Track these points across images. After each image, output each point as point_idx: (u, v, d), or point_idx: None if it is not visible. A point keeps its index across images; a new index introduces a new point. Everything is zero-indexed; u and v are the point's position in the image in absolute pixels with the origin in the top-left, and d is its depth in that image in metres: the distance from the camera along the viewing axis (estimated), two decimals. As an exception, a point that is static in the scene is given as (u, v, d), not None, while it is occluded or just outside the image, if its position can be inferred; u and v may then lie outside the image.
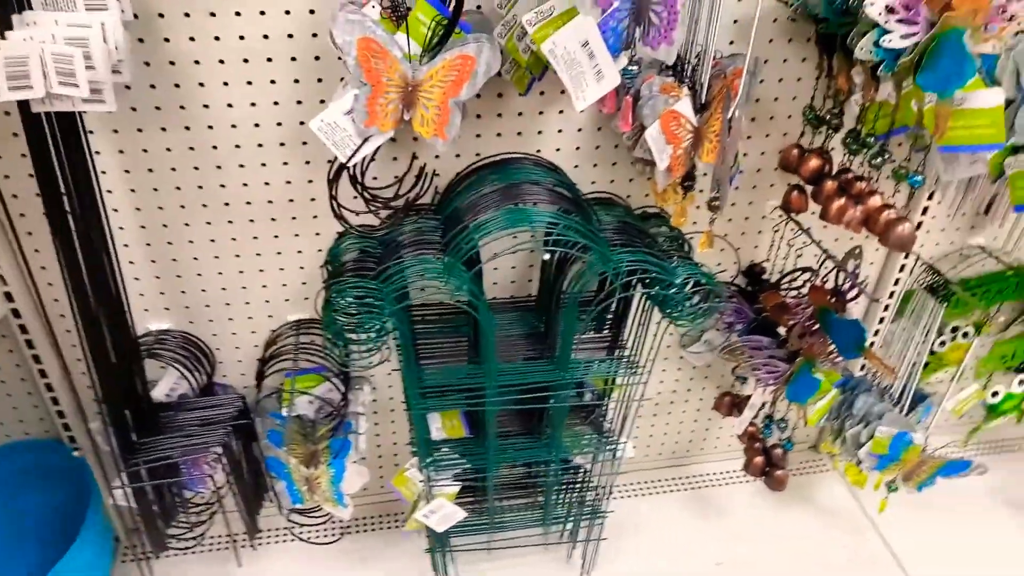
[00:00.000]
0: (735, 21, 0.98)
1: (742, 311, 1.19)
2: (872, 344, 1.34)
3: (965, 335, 1.35)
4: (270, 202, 1.01)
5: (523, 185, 0.98)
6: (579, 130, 1.03)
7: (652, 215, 1.10)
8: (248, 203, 1.01)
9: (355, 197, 0.96)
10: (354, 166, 0.93)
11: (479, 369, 1.00)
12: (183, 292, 1.08)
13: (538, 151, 1.04)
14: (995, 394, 1.38)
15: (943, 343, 1.35)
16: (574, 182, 1.05)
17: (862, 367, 1.35)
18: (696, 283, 1.01)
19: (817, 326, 1.08)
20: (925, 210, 1.19)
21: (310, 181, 1.00)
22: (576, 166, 1.06)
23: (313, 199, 1.02)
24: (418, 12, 0.83)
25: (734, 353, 1.15)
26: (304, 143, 0.97)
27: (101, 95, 0.77)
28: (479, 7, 0.91)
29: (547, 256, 1.02)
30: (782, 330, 1.19)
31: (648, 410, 1.38)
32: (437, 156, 1.02)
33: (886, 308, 1.30)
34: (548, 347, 1.07)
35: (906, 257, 1.23)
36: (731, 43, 1.00)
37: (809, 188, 1.03)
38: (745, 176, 1.13)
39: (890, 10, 0.78)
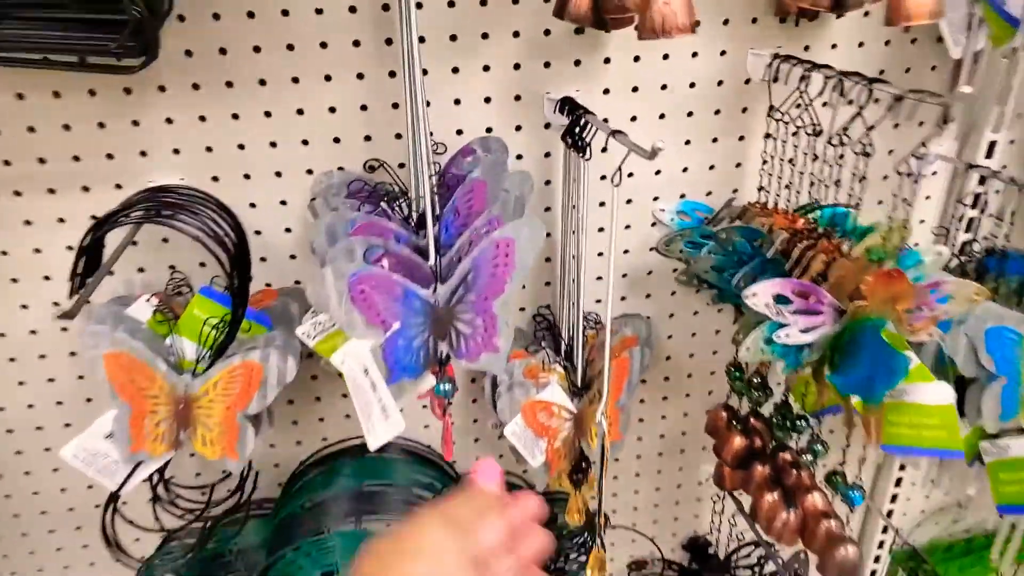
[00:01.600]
0: (624, 275, 0.81)
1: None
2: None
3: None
4: (71, 510, 0.83)
5: (377, 490, 0.79)
6: (449, 403, 0.84)
7: (560, 497, 0.89)
8: (43, 512, 0.83)
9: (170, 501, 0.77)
10: (155, 480, 0.76)
11: None
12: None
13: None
14: None
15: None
16: (451, 466, 0.86)
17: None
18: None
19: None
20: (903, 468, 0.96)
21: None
22: (454, 442, 0.87)
23: (125, 502, 0.83)
24: (194, 308, 0.67)
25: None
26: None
27: None
28: (298, 282, 0.75)
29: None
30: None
31: None
32: (273, 445, 0.83)
33: (876, 579, 1.05)
34: None
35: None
36: (623, 299, 0.82)
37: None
38: (669, 440, 0.92)
39: (781, 300, 0.59)
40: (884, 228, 0.63)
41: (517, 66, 0.68)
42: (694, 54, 0.70)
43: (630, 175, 0.74)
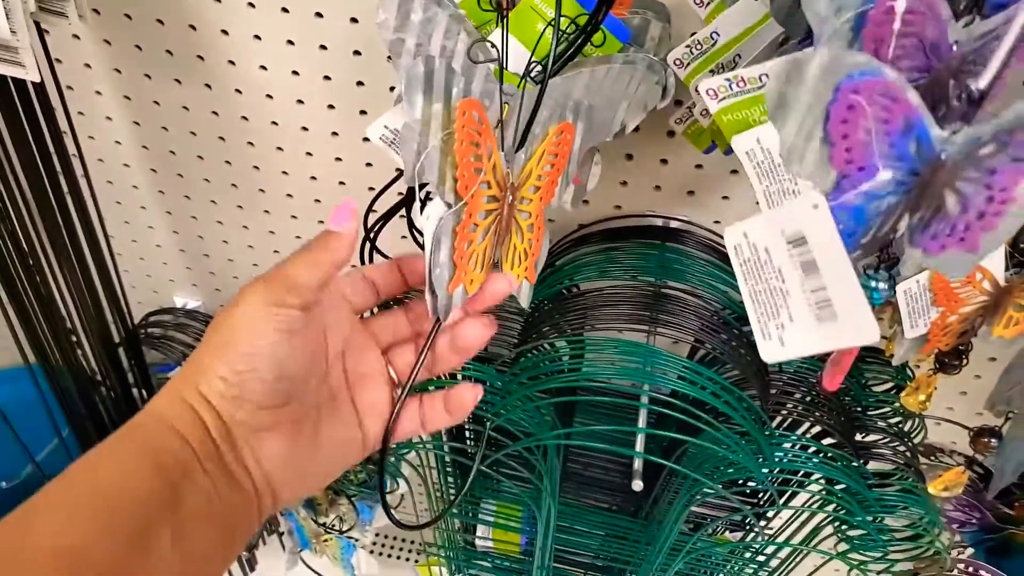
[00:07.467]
0: None
1: (976, 507, 0.77)
2: None
3: None
4: (318, 201, 0.72)
5: (677, 294, 0.60)
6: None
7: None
8: (289, 195, 0.72)
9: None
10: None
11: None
12: (212, 273, 0.84)
13: (717, 223, 0.65)
14: None
15: None
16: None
17: None
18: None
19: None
20: None
21: (371, 188, 0.69)
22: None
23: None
24: (533, -3, 0.46)
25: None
26: (366, 139, 0.65)
27: (16, 55, 0.49)
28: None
29: (637, 486, 0.63)
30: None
31: None
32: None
33: None
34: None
35: None
36: None
37: None
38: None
39: None
40: None
41: None
42: None
43: None
